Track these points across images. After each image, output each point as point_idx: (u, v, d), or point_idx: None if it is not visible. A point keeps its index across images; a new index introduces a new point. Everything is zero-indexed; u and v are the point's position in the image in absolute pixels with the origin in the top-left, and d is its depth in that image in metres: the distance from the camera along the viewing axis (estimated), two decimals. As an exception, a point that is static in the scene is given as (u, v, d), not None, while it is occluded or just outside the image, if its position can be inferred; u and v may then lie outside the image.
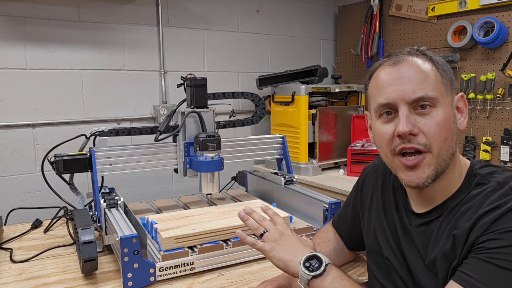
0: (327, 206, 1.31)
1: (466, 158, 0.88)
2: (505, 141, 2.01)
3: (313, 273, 0.85)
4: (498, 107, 2.04)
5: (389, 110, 0.82)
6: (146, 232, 1.12)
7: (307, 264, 0.86)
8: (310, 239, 1.19)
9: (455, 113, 0.82)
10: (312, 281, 0.85)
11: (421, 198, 0.87)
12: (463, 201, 0.81)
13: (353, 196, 1.12)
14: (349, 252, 1.16)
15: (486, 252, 0.72)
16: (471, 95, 2.10)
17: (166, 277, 1.07)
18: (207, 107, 1.48)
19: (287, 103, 2.37)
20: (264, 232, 0.96)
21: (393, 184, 0.97)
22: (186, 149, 1.45)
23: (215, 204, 1.53)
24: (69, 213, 1.54)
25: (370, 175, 1.06)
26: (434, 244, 0.83)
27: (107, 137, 1.41)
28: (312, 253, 0.88)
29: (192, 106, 1.46)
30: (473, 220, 0.76)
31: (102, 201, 1.26)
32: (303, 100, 2.30)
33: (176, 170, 1.50)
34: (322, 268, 0.85)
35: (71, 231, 1.41)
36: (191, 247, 1.14)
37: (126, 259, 1.01)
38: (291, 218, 1.31)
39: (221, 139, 1.41)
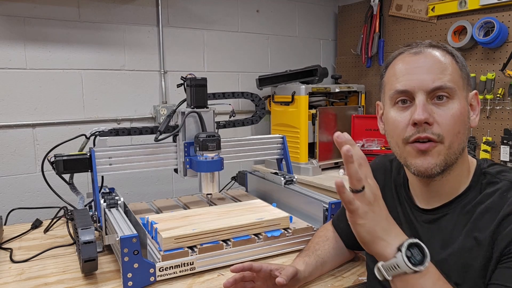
0: (327, 206, 1.31)
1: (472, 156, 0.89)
2: (505, 141, 2.01)
3: (417, 268, 0.68)
4: (498, 107, 2.04)
5: (405, 98, 0.81)
6: (146, 232, 1.12)
7: (409, 254, 0.69)
8: (309, 239, 1.19)
9: (469, 110, 0.83)
10: (409, 276, 0.68)
11: (428, 193, 0.87)
12: (477, 200, 0.81)
13: None
14: (348, 251, 1.16)
15: None
16: (471, 95, 2.10)
17: (166, 277, 1.07)
18: (207, 107, 1.48)
19: (287, 103, 2.37)
20: (362, 189, 0.71)
21: (394, 181, 0.97)
22: (186, 149, 1.45)
23: (215, 204, 1.53)
24: (69, 213, 1.54)
25: None
26: (447, 243, 0.82)
27: (107, 137, 1.41)
28: (415, 240, 0.70)
29: (192, 106, 1.46)
30: (495, 224, 0.75)
31: (102, 201, 1.26)
32: (303, 100, 2.30)
33: (176, 170, 1.50)
34: (426, 263, 0.68)
35: (71, 231, 1.41)
36: (191, 247, 1.13)
37: (126, 259, 1.01)
38: (291, 218, 1.31)
39: (221, 139, 1.41)
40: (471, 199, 0.82)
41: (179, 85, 1.51)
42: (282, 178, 1.55)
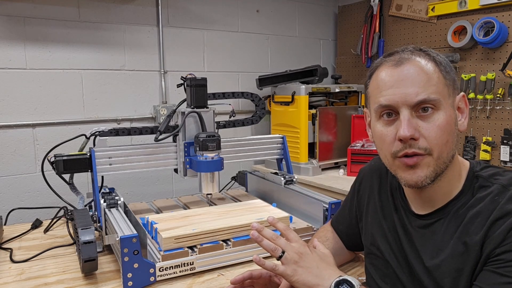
0: (327, 206, 1.31)
1: (465, 158, 0.88)
2: (505, 141, 2.01)
3: None
4: (498, 107, 2.04)
5: (390, 112, 0.80)
6: (146, 232, 1.12)
7: None
8: (309, 239, 1.19)
9: (456, 115, 0.81)
10: None
11: (421, 199, 0.87)
12: (469, 204, 0.80)
13: (350, 198, 1.12)
14: (348, 251, 1.16)
15: (504, 265, 0.72)
16: (471, 95, 2.10)
17: (166, 277, 1.07)
18: (207, 107, 1.48)
19: (287, 103, 2.37)
20: (282, 254, 0.85)
21: (390, 185, 0.97)
22: (186, 149, 1.45)
23: (215, 204, 1.53)
24: (69, 213, 1.54)
25: (366, 176, 1.05)
26: (440, 248, 0.82)
27: (107, 137, 1.41)
28: (341, 277, 0.81)
29: (192, 106, 1.46)
30: (485, 228, 0.75)
31: (102, 201, 1.26)
32: (303, 100, 2.30)
33: (176, 170, 1.50)
34: None
35: (71, 231, 1.41)
36: (191, 247, 1.14)
37: (126, 259, 1.01)
38: (291, 218, 1.31)
39: (221, 139, 1.41)
40: (463, 204, 0.81)
41: (179, 85, 1.51)
42: (282, 178, 1.55)
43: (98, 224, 1.26)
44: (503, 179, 0.79)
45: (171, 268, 1.08)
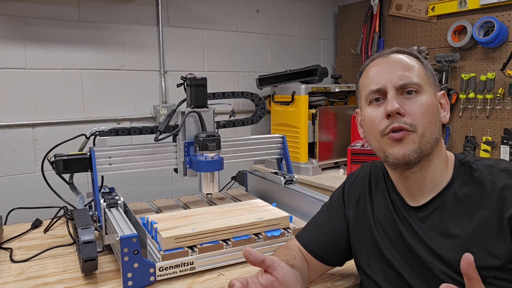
0: (327, 206, 1.30)
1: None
2: (505, 141, 2.01)
3: None
4: (498, 107, 2.04)
5: (379, 97, 0.87)
6: (146, 232, 1.12)
7: None
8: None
9: (438, 105, 0.89)
10: None
11: (410, 187, 0.89)
12: (466, 186, 0.85)
13: (334, 207, 1.06)
14: (324, 267, 1.06)
15: None
16: (471, 95, 2.10)
17: (166, 277, 1.07)
18: (207, 107, 1.48)
19: (287, 103, 2.37)
20: None
21: (387, 186, 0.97)
22: (186, 149, 1.45)
23: (215, 204, 1.53)
24: (69, 213, 1.54)
25: (357, 181, 1.04)
26: (450, 234, 0.83)
27: (107, 137, 1.41)
28: None
29: (192, 106, 1.46)
30: (495, 199, 0.80)
31: (102, 201, 1.26)
32: (303, 99, 2.30)
33: (176, 170, 1.50)
34: None
35: (71, 231, 1.41)
36: (191, 247, 1.13)
37: (126, 259, 1.01)
38: (291, 218, 1.31)
39: (221, 139, 1.41)
40: (460, 187, 0.85)
41: (179, 85, 1.51)
42: (282, 178, 1.55)
43: (98, 224, 1.26)
44: (489, 162, 0.87)
45: (171, 268, 1.08)
